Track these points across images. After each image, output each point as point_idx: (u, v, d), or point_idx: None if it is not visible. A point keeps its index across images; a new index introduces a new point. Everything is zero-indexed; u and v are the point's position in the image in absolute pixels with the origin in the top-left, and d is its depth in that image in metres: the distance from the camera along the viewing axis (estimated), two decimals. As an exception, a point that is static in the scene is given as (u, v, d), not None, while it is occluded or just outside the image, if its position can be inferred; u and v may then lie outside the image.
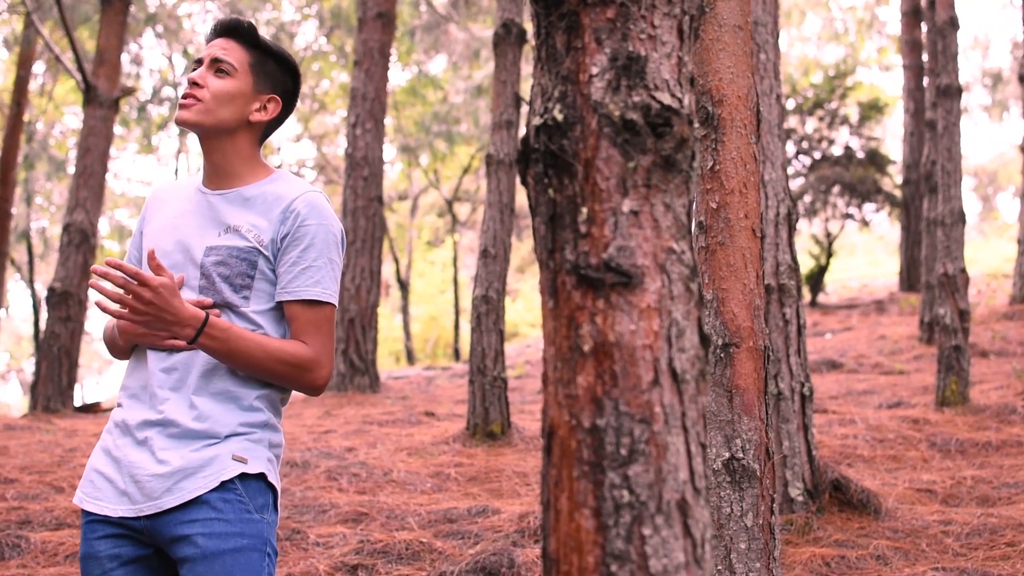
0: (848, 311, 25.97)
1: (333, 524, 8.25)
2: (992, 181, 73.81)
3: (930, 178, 17.98)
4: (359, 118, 17.65)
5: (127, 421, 3.54)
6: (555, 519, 1.86)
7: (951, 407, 11.98)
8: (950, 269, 12.42)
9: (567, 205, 1.90)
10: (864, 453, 10.25)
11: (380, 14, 17.95)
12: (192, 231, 3.65)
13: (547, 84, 1.97)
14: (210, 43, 3.74)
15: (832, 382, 15.33)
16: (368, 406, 15.07)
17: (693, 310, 1.92)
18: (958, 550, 7.27)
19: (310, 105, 35.74)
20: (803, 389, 7.99)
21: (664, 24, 1.97)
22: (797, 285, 8.02)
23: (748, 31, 4.70)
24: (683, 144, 1.93)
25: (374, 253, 17.49)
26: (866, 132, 28.32)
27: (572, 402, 1.85)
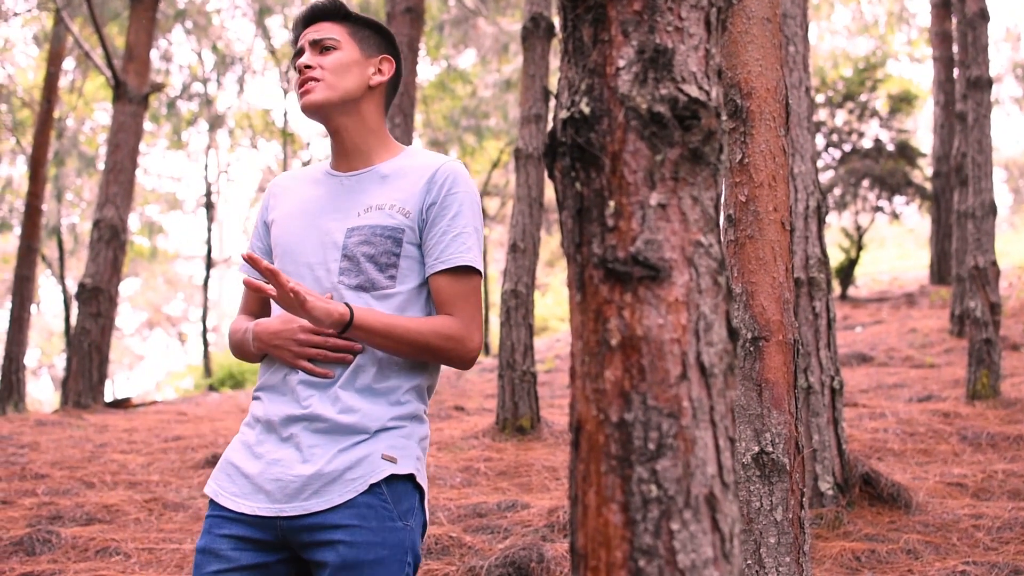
0: (878, 304, 25.91)
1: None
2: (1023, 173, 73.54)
3: (960, 170, 17.93)
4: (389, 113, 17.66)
5: (269, 417, 3.52)
6: (583, 514, 1.86)
7: (982, 400, 11.94)
8: (981, 262, 12.38)
9: (594, 199, 1.89)
10: (894, 447, 10.22)
11: (409, 8, 17.93)
12: (328, 214, 3.64)
13: (574, 77, 1.96)
14: (301, 34, 3.76)
15: (862, 376, 15.29)
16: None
17: (721, 304, 1.91)
18: (989, 544, 7.24)
19: (339, 100, 35.79)
20: (833, 383, 7.97)
21: (691, 16, 1.96)
22: (827, 278, 8.00)
23: (777, 23, 4.69)
24: (711, 137, 1.92)
25: (402, 248, 17.49)
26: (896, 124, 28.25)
27: (600, 396, 1.84)
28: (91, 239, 17.55)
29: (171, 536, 7.88)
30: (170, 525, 8.21)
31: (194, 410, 16.37)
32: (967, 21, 13.64)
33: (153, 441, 11.79)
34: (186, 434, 12.14)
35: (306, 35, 3.73)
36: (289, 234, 3.64)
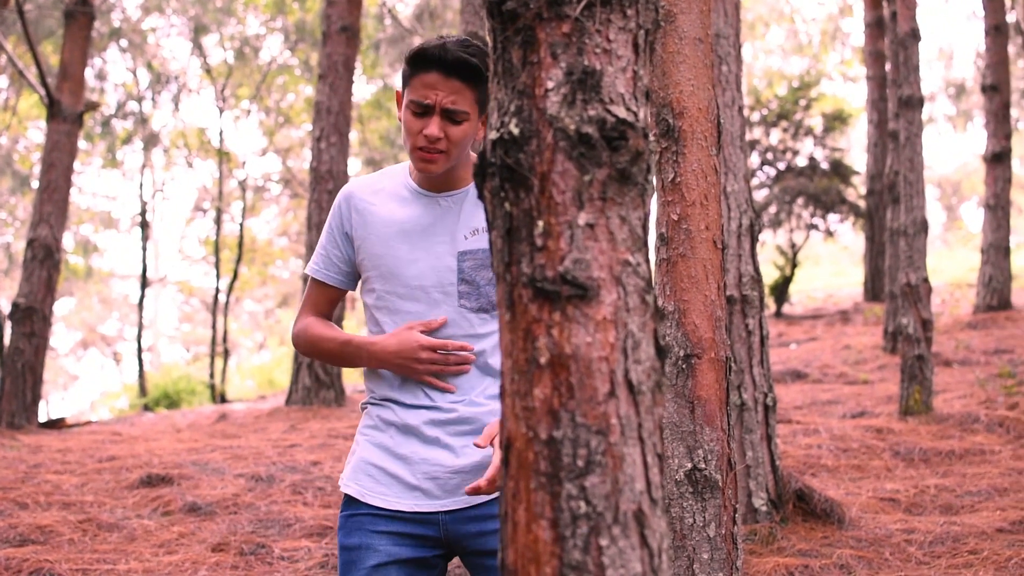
0: (813, 321, 26.06)
1: (298, 538, 8.24)
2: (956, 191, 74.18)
3: (893, 188, 18.08)
4: (324, 132, 17.64)
5: (407, 422, 3.62)
6: (513, 530, 1.87)
7: (915, 416, 12.03)
8: (913, 279, 12.48)
9: (523, 218, 1.91)
10: (828, 463, 10.29)
11: (344, 27, 17.94)
12: (434, 236, 3.67)
13: (503, 99, 1.98)
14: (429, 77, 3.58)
15: (797, 392, 15.37)
16: (334, 420, 15.05)
17: (649, 322, 1.93)
18: (921, 558, 7.30)
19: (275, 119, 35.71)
20: (766, 399, 8.02)
21: (619, 38, 1.98)
22: (760, 296, 8.05)
23: (709, 43, 4.73)
24: (638, 157, 1.95)
25: (339, 267, 17.48)
26: (830, 143, 28.47)
27: (529, 414, 1.86)
28: (25, 258, 17.42)
29: (105, 557, 7.84)
30: (104, 546, 8.16)
31: (129, 430, 16.28)
32: (899, 40, 13.77)
33: (87, 461, 11.71)
34: (120, 454, 12.07)
35: (439, 94, 3.58)
36: (394, 257, 3.67)
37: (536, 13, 1.95)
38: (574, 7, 1.94)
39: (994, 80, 22.62)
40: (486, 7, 2.03)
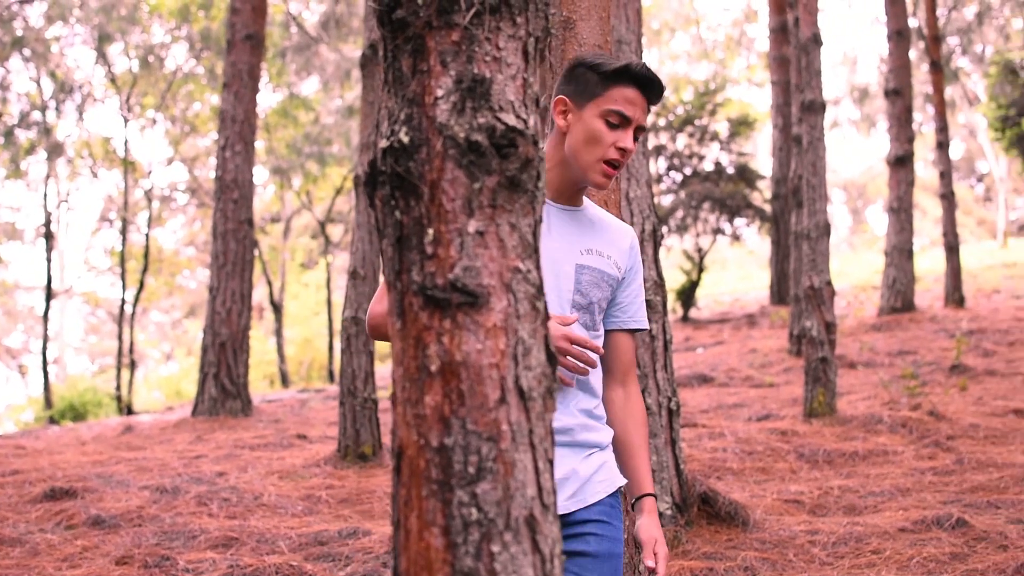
0: (720, 325, 26.21)
1: (203, 549, 8.18)
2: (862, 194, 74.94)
3: (797, 192, 18.25)
4: (229, 140, 17.56)
5: None
6: (405, 538, 1.88)
7: (819, 418, 12.13)
8: (816, 282, 12.59)
9: (414, 226, 1.91)
10: (733, 466, 10.35)
11: (249, 36, 17.87)
12: (557, 243, 3.64)
13: (394, 107, 1.98)
14: (629, 92, 3.62)
15: (703, 396, 15.46)
16: (240, 430, 14.97)
17: (539, 328, 1.94)
18: (824, 559, 7.36)
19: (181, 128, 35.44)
20: (670, 404, 8.05)
21: (509, 46, 1.99)
22: (663, 300, 8.08)
23: (609, 50, 4.76)
24: (528, 164, 1.95)
25: (245, 276, 17.40)
26: (736, 148, 28.66)
27: (420, 422, 1.86)
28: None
29: (8, 572, 7.75)
30: (7, 561, 8.07)
31: (33, 443, 16.08)
32: (801, 46, 13.88)
33: (-10, 475, 11.58)
34: (24, 468, 11.94)
35: (636, 110, 3.62)
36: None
37: (426, 22, 1.95)
38: (463, 15, 1.95)
39: (897, 84, 22.87)
40: (376, 16, 2.03)
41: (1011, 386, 14.80)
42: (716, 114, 28.38)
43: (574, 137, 3.61)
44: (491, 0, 1.96)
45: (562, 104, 3.64)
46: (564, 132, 3.63)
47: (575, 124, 3.61)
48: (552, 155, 3.67)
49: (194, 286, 53.29)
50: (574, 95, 3.63)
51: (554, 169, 3.67)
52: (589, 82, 3.61)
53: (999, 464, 9.97)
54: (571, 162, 3.62)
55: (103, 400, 30.14)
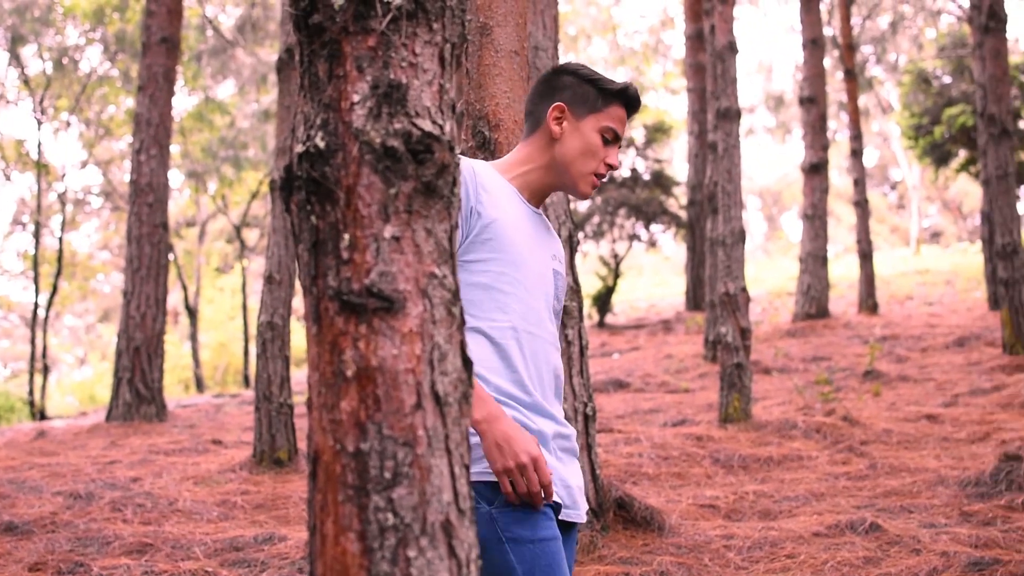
0: (636, 331, 26.32)
1: (117, 556, 8.12)
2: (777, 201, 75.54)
3: (713, 199, 18.37)
4: (144, 144, 17.44)
5: (543, 432, 3.49)
6: (321, 544, 1.87)
7: (734, 423, 12.20)
8: (731, 288, 12.66)
9: (329, 232, 1.91)
10: (649, 471, 10.38)
11: (164, 39, 17.76)
12: (535, 246, 3.61)
13: (310, 112, 1.98)
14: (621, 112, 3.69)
15: (619, 401, 15.51)
16: (155, 435, 14.87)
17: (455, 333, 1.94)
18: (740, 564, 7.41)
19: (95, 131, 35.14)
20: (586, 409, 8.07)
21: (425, 52, 1.99)
22: (579, 306, 8.10)
23: (525, 56, 4.76)
24: (444, 170, 1.96)
25: (159, 280, 17.30)
26: (652, 154, 28.79)
27: (336, 427, 1.86)
28: None
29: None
30: None
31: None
32: (717, 53, 13.98)
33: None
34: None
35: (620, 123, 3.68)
36: (518, 247, 3.54)
37: (342, 27, 1.95)
38: (380, 21, 1.95)
39: (811, 92, 23.09)
40: (292, 20, 2.03)
41: (923, 392, 14.97)
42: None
43: (569, 147, 3.63)
44: (407, 6, 1.97)
45: (559, 111, 3.64)
46: (555, 138, 3.63)
47: (571, 133, 3.63)
48: (536, 158, 3.67)
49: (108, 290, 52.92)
50: (572, 105, 3.64)
51: (536, 172, 3.67)
52: (588, 95, 3.64)
53: (912, 469, 10.07)
54: (560, 169, 3.64)
55: (16, 405, 29.82)
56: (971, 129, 29.99)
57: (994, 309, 22.98)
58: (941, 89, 33.56)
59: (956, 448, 11.07)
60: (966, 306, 26.58)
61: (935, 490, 9.18)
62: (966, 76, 32.49)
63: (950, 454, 10.77)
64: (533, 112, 3.70)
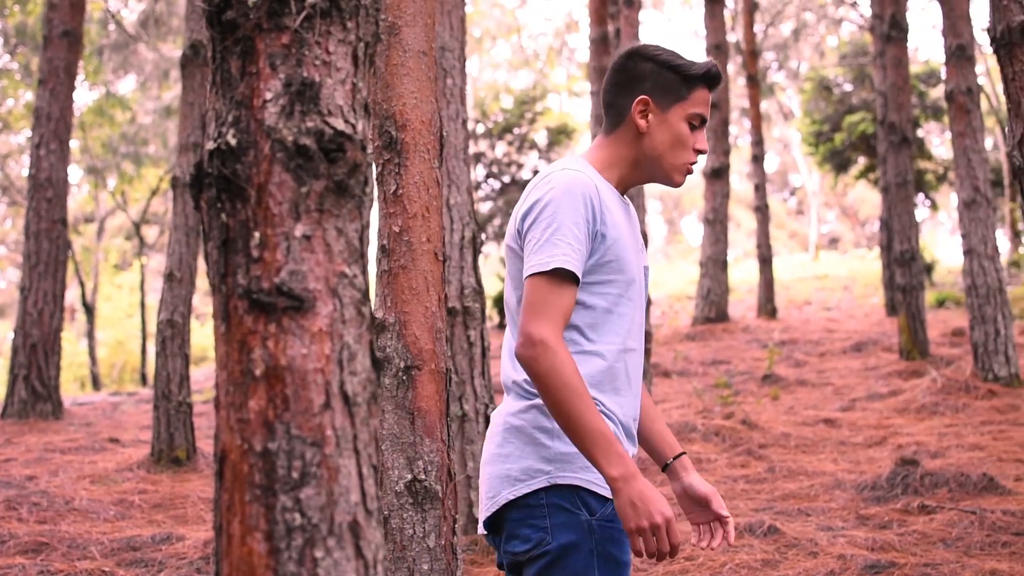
0: (535, 333, 26.33)
1: (12, 555, 8.02)
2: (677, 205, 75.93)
3: (614, 203, 18.40)
4: (43, 138, 17.22)
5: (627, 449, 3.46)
6: (227, 544, 1.86)
7: (634, 425, 12.23)
8: (632, 292, 12.70)
9: (240, 230, 1.90)
10: (550, 472, 10.40)
11: (66, 32, 17.56)
12: (637, 255, 3.56)
13: (221, 109, 1.97)
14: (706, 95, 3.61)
15: (520, 403, 15.51)
16: (51, 433, 14.69)
17: (365, 334, 1.94)
18: (639, 565, 7.43)
19: (-7, 124, 34.73)
20: (488, 410, 8.08)
21: (339, 51, 1.99)
22: (482, 308, 8.10)
23: (433, 57, 4.76)
24: (356, 169, 1.95)
25: (57, 277, 17.10)
26: (554, 156, 28.90)
27: (244, 426, 1.85)
28: None
29: None
30: None
31: None
32: (620, 58, 14.02)
33: None
34: None
35: (709, 111, 3.64)
36: (631, 264, 3.48)
37: (256, 24, 1.94)
38: (294, 18, 1.94)
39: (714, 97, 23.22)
40: (205, 17, 2.01)
41: (821, 396, 15.11)
42: (535, 123, 28.60)
43: (659, 140, 3.55)
44: (322, 4, 1.96)
45: (643, 104, 3.55)
46: (642, 133, 3.55)
47: (658, 126, 3.55)
48: (625, 154, 3.59)
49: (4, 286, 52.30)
50: (655, 96, 3.56)
51: (627, 168, 3.60)
52: (671, 84, 3.56)
53: (809, 472, 10.16)
54: (650, 163, 3.58)
55: (-93, 402, 29.43)
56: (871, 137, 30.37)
57: (891, 315, 23.24)
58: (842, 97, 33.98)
59: (853, 452, 11.19)
60: (864, 312, 26.89)
61: (832, 493, 9.27)
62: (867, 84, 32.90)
63: (847, 458, 10.88)
64: (613, 105, 3.61)
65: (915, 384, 14.81)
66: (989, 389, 13.92)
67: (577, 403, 3.17)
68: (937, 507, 8.44)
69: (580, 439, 3.19)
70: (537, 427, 3.39)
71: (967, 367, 15.09)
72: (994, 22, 5.34)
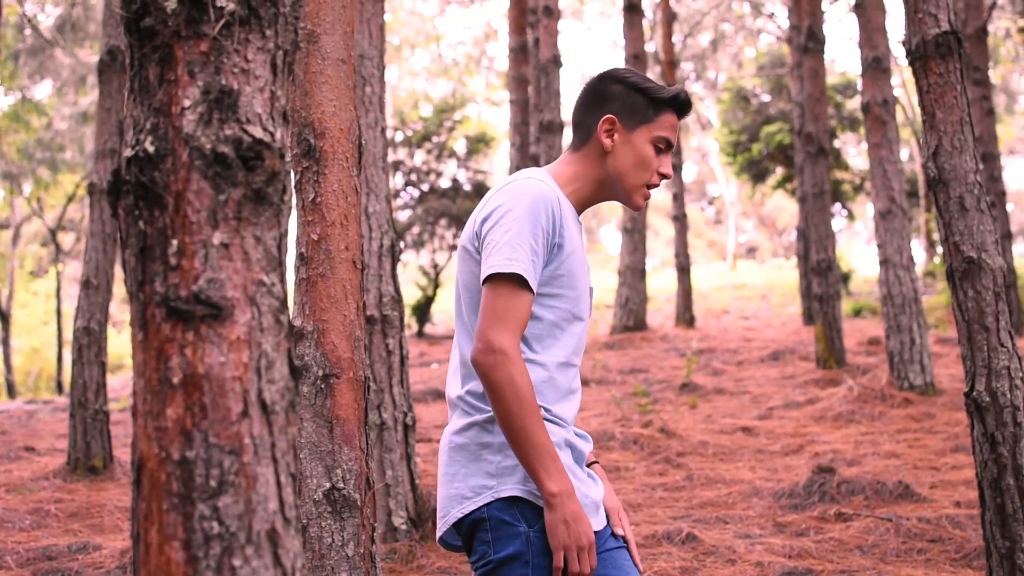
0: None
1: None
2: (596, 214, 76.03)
3: (533, 211, 18.43)
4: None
5: (582, 451, 3.57)
6: (145, 552, 1.85)
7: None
8: (551, 300, 12.72)
9: (157, 237, 1.89)
10: (468, 481, 10.38)
11: (-21, 37, 17.43)
12: (587, 273, 3.60)
13: (139, 116, 1.96)
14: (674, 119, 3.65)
15: (438, 411, 15.51)
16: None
17: (283, 342, 1.94)
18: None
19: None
20: (406, 419, 8.08)
21: (258, 59, 1.98)
22: (400, 316, 8.10)
23: (352, 65, 4.75)
24: (274, 177, 1.95)
25: (-28, 283, 16.95)
26: (473, 165, 28.90)
27: (161, 434, 1.84)
28: None
29: None
30: None
31: None
32: (541, 67, 14.11)
33: None
34: None
35: (675, 136, 3.67)
36: (581, 280, 3.52)
37: (174, 31, 1.93)
38: (212, 26, 1.93)
39: (631, 107, 23.32)
40: (123, 23, 2.00)
41: (739, 404, 15.20)
42: (454, 131, 28.58)
43: (622, 159, 3.59)
44: (241, 12, 1.96)
45: (609, 123, 3.59)
46: (606, 151, 3.59)
47: (622, 146, 3.59)
48: (588, 171, 3.63)
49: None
50: (622, 116, 3.60)
51: (588, 186, 3.64)
52: (638, 105, 3.60)
53: (727, 480, 10.22)
54: (612, 182, 3.61)
55: None
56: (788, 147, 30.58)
57: (808, 324, 23.44)
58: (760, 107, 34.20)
59: (771, 460, 11.27)
60: (781, 321, 27.09)
61: (750, 501, 9.33)
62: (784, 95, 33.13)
63: (765, 466, 10.95)
64: (582, 123, 3.66)
65: (832, 393, 14.93)
66: (905, 398, 14.07)
67: (528, 418, 3.23)
68: (853, 514, 8.52)
69: (524, 452, 3.24)
70: (479, 443, 3.43)
71: (883, 376, 15.25)
72: (910, 35, 5.42)
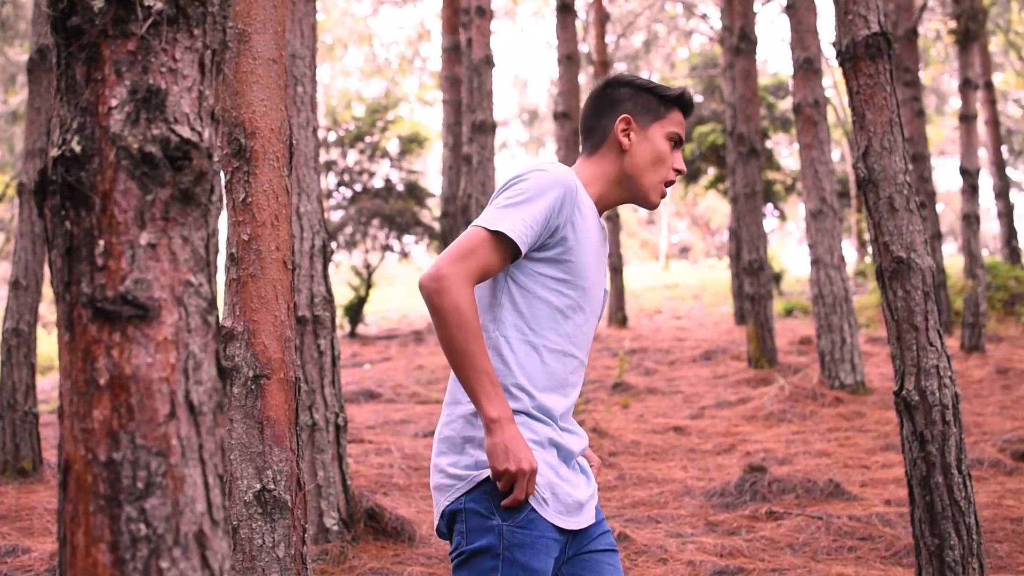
0: (387, 342, 26.30)
1: None
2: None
3: (467, 211, 18.47)
4: None
5: (571, 449, 3.55)
6: (72, 555, 1.84)
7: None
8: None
9: (84, 238, 1.88)
10: (400, 482, 10.39)
11: (-94, 34, 17.26)
12: (599, 272, 3.62)
13: (66, 115, 1.94)
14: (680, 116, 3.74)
15: (369, 412, 15.48)
16: None
17: (211, 343, 1.93)
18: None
19: None
20: (337, 419, 8.06)
21: (185, 58, 1.97)
22: (332, 316, 8.08)
23: (283, 64, 4.74)
24: (202, 177, 1.94)
25: (-102, 283, 16.78)
26: (406, 165, 28.89)
27: (88, 436, 1.83)
28: None
29: None
30: None
31: None
32: (473, 67, 14.09)
33: None
34: None
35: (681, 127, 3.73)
36: (590, 275, 3.54)
37: (101, 30, 1.92)
38: (140, 25, 1.92)
39: (566, 107, 23.33)
40: (50, 22, 1.99)
41: (671, 404, 15.26)
42: (387, 131, 28.56)
43: (640, 157, 3.65)
44: (168, 11, 1.95)
45: (625, 123, 3.65)
46: (624, 150, 3.65)
47: (640, 143, 3.65)
48: (606, 172, 3.68)
49: None
50: (636, 115, 3.66)
51: (607, 187, 3.68)
52: (650, 103, 3.68)
53: (659, 480, 10.26)
54: (630, 181, 3.66)
55: None
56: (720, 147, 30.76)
57: (740, 324, 23.58)
58: (691, 108, 34.30)
59: (703, 459, 11.32)
60: (713, 320, 27.23)
61: (682, 500, 9.37)
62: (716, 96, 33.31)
63: (697, 465, 11.00)
64: (595, 128, 3.71)
65: (763, 392, 15.03)
66: (835, 396, 14.18)
67: (471, 342, 3.27)
68: (785, 513, 8.57)
69: (466, 377, 3.29)
70: (463, 436, 3.47)
71: (814, 375, 15.36)
72: (840, 36, 5.46)
